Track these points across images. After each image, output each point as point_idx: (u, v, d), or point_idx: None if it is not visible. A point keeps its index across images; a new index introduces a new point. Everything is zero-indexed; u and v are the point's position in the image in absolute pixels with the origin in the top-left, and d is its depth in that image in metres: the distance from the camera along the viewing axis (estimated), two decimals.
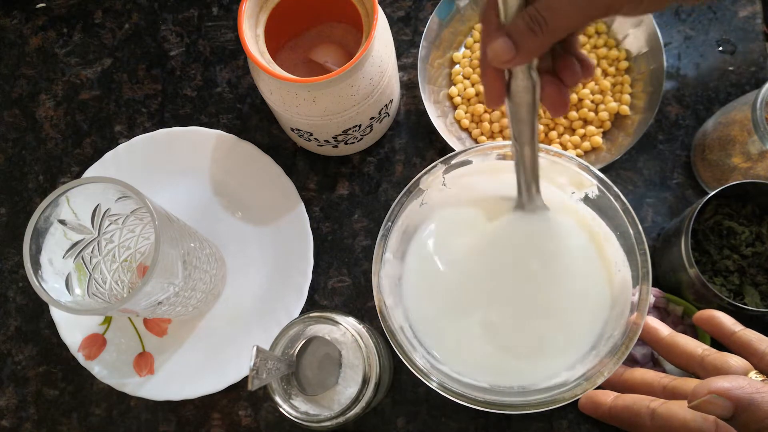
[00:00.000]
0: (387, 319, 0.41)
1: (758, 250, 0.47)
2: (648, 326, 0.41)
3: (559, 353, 0.41)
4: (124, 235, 0.47)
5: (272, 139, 0.58)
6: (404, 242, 0.44)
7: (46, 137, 0.60)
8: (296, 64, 0.54)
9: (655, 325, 0.42)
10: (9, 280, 0.57)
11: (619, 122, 0.54)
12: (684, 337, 0.41)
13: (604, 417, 0.40)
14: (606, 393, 0.40)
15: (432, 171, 0.43)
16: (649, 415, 0.37)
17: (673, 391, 0.38)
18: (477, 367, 0.41)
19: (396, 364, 0.50)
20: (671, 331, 0.41)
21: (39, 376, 0.55)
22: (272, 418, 0.52)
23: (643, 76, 0.54)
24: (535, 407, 0.38)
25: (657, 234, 0.53)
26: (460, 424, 0.51)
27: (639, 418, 0.37)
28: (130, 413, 0.54)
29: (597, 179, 0.41)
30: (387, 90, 0.49)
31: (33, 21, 0.62)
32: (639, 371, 0.41)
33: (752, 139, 0.46)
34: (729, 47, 0.56)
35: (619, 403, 0.39)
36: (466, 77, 0.57)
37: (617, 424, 0.39)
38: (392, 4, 0.60)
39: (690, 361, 0.39)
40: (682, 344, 0.40)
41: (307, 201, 0.56)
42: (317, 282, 0.54)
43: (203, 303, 0.51)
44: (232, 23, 0.61)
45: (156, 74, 0.60)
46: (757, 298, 0.46)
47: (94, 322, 0.53)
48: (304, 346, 0.44)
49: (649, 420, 0.36)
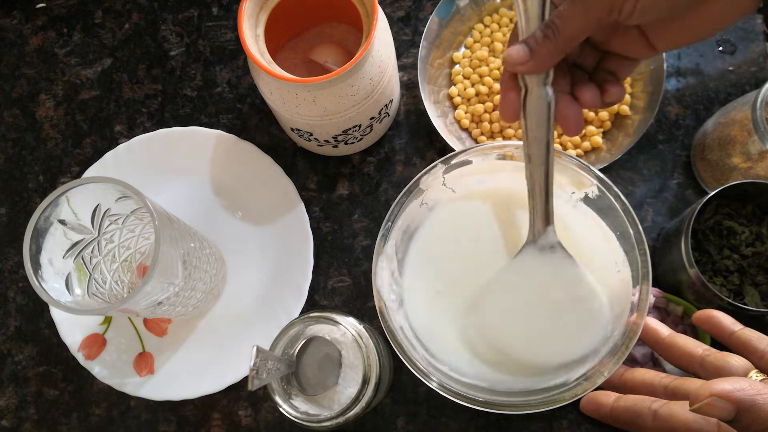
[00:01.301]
0: (387, 319, 0.41)
1: (758, 250, 0.47)
2: (648, 327, 0.41)
3: (559, 353, 0.41)
4: (124, 235, 0.47)
5: (272, 139, 0.58)
6: (404, 242, 0.44)
7: (46, 137, 0.60)
8: (296, 64, 0.54)
9: (655, 326, 0.42)
10: (9, 280, 0.57)
11: (619, 122, 0.54)
12: (684, 337, 0.41)
13: (605, 418, 0.40)
14: (607, 394, 0.40)
15: (432, 171, 0.43)
16: (650, 416, 0.37)
17: (674, 392, 0.38)
18: (477, 366, 0.41)
19: (396, 364, 0.50)
20: (671, 331, 0.41)
21: (39, 376, 0.55)
22: (272, 418, 0.52)
23: (643, 76, 0.54)
24: (535, 407, 0.38)
25: (657, 234, 0.53)
26: (460, 424, 0.51)
27: (640, 419, 0.37)
28: (130, 413, 0.54)
29: (597, 179, 0.41)
30: (387, 90, 0.49)
31: (33, 21, 0.62)
32: (639, 371, 0.41)
33: (752, 139, 0.46)
34: (729, 47, 0.56)
35: (620, 404, 0.39)
36: (466, 77, 0.57)
37: (619, 425, 0.39)
38: (392, 4, 0.60)
39: (690, 362, 0.39)
40: (681, 344, 0.40)
41: (307, 201, 0.56)
42: (317, 282, 0.54)
43: (203, 303, 0.51)
44: (232, 23, 0.61)
45: (156, 74, 0.60)
46: (757, 298, 0.46)
47: (94, 322, 0.53)
48: (304, 346, 0.44)
49: (651, 421, 0.36)
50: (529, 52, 0.34)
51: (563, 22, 0.33)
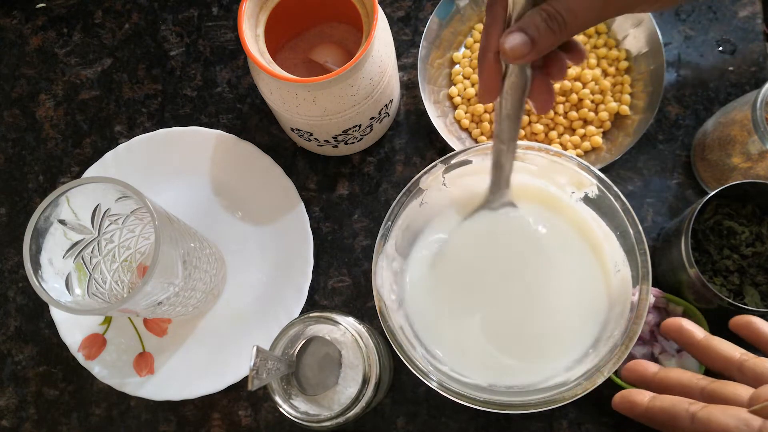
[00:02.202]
0: (387, 319, 0.41)
1: (758, 250, 0.47)
2: (684, 329, 0.40)
3: (559, 353, 0.41)
4: (124, 235, 0.47)
5: (272, 139, 0.58)
6: (404, 242, 0.44)
7: (46, 137, 0.60)
8: (296, 64, 0.54)
9: (690, 328, 0.40)
10: (9, 280, 0.57)
11: (619, 122, 0.54)
12: (720, 340, 0.39)
13: (639, 417, 0.38)
14: (642, 393, 0.39)
15: (432, 171, 0.43)
16: (688, 418, 0.35)
17: (711, 395, 0.36)
18: (477, 366, 0.41)
19: (396, 364, 0.50)
20: (706, 333, 0.40)
21: (39, 376, 0.55)
22: (272, 418, 0.52)
23: (643, 76, 0.54)
24: (535, 407, 0.38)
25: (657, 234, 0.53)
26: (460, 424, 0.51)
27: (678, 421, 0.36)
28: (130, 413, 0.54)
29: (597, 179, 0.41)
30: (387, 90, 0.49)
31: (33, 21, 0.62)
32: (675, 371, 0.39)
33: (752, 139, 0.46)
34: (729, 47, 0.56)
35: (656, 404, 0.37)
36: (466, 77, 0.57)
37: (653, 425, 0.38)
38: (392, 4, 0.60)
39: (727, 366, 0.38)
40: (718, 347, 0.39)
41: (307, 201, 0.56)
42: (317, 282, 0.54)
43: (203, 303, 0.51)
44: (232, 23, 0.61)
45: (156, 74, 0.60)
46: (757, 298, 0.46)
47: (94, 322, 0.53)
48: (304, 346, 0.44)
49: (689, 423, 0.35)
50: (530, 44, 0.32)
51: (573, 18, 0.32)
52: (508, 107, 0.36)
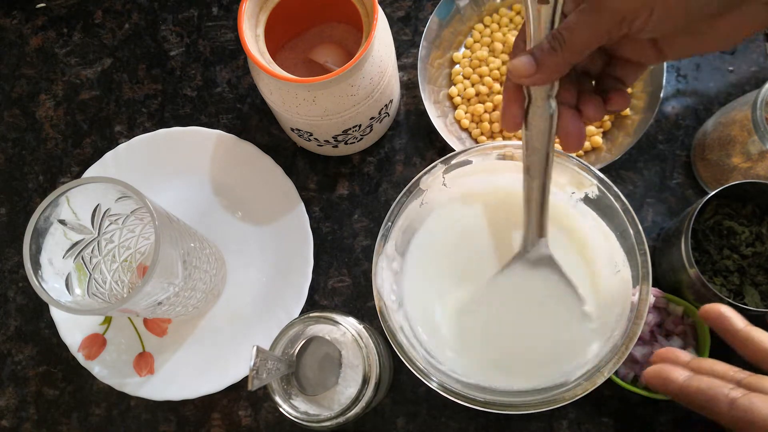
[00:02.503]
0: (387, 319, 0.41)
1: (758, 250, 0.47)
2: (723, 315, 0.38)
3: (559, 354, 0.41)
4: (124, 235, 0.47)
5: (272, 139, 0.58)
6: (404, 242, 0.44)
7: (46, 137, 0.60)
8: (296, 64, 0.54)
9: (730, 315, 0.38)
10: (9, 280, 0.57)
11: (619, 122, 0.54)
12: (761, 331, 0.37)
13: (673, 394, 0.37)
14: (678, 369, 0.37)
15: (432, 171, 0.43)
16: (727, 403, 0.34)
17: (748, 388, 0.36)
18: (477, 367, 0.41)
19: (396, 364, 0.50)
20: (747, 323, 0.38)
21: (39, 376, 0.55)
22: (272, 418, 0.52)
23: (643, 76, 0.54)
24: (534, 407, 0.38)
25: (657, 234, 0.53)
26: (460, 424, 0.51)
27: (715, 404, 0.34)
28: (130, 413, 0.54)
29: (597, 179, 0.41)
30: (387, 90, 0.49)
31: (33, 21, 0.62)
32: (708, 361, 0.37)
33: (752, 139, 0.46)
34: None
35: (693, 384, 0.36)
36: (466, 77, 0.57)
37: (687, 404, 0.36)
38: (392, 4, 0.60)
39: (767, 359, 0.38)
40: (758, 339, 0.37)
41: (307, 201, 0.56)
42: (317, 282, 0.54)
43: (203, 303, 0.51)
44: (232, 23, 0.61)
45: (156, 74, 0.60)
46: (757, 298, 0.46)
47: (94, 322, 0.53)
48: (304, 346, 0.44)
49: (727, 408, 0.34)
50: (535, 65, 0.33)
51: (571, 35, 0.32)
52: (533, 139, 0.36)
